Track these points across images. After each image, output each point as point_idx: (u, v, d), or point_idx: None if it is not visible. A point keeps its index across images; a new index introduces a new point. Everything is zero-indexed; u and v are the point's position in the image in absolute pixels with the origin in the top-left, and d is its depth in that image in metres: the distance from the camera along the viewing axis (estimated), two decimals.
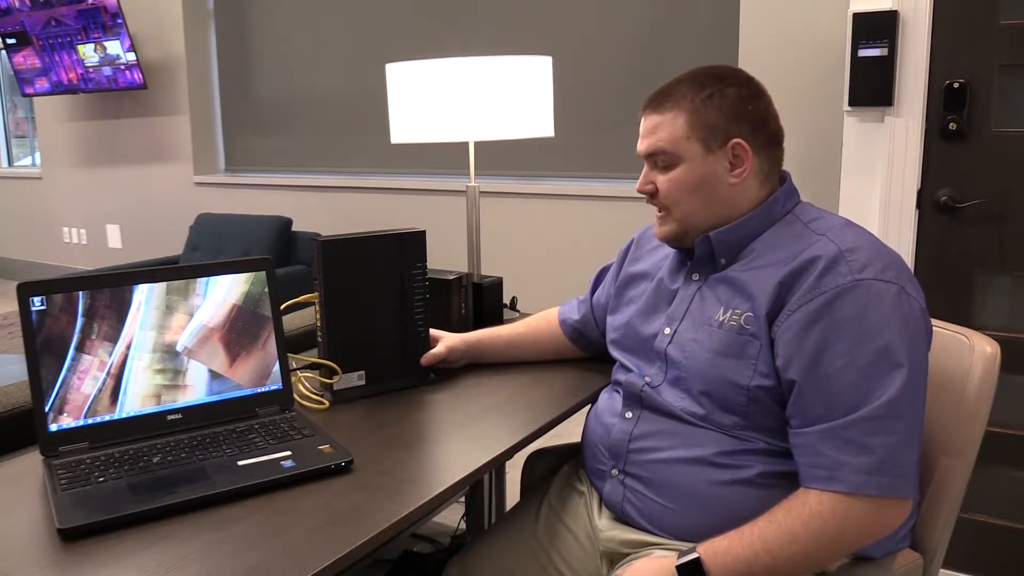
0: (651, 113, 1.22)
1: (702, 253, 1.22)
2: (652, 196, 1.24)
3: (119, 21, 4.71)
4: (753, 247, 1.19)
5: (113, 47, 4.80)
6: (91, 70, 4.97)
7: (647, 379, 1.24)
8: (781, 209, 1.20)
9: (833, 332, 1.05)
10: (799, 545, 1.02)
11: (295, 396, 1.38)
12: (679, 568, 1.04)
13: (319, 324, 1.40)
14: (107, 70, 4.90)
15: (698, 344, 1.18)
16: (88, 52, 4.92)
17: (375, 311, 1.43)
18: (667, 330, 1.24)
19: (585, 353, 1.58)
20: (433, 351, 1.50)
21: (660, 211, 1.25)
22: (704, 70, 1.21)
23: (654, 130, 1.20)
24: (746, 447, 1.13)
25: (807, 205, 1.22)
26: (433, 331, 1.53)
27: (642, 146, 1.23)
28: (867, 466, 1.02)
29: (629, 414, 1.25)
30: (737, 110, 1.17)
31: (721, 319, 1.16)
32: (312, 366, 1.50)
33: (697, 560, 1.04)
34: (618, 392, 1.30)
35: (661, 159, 1.20)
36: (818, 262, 1.08)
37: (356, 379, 1.43)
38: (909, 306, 1.06)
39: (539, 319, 1.60)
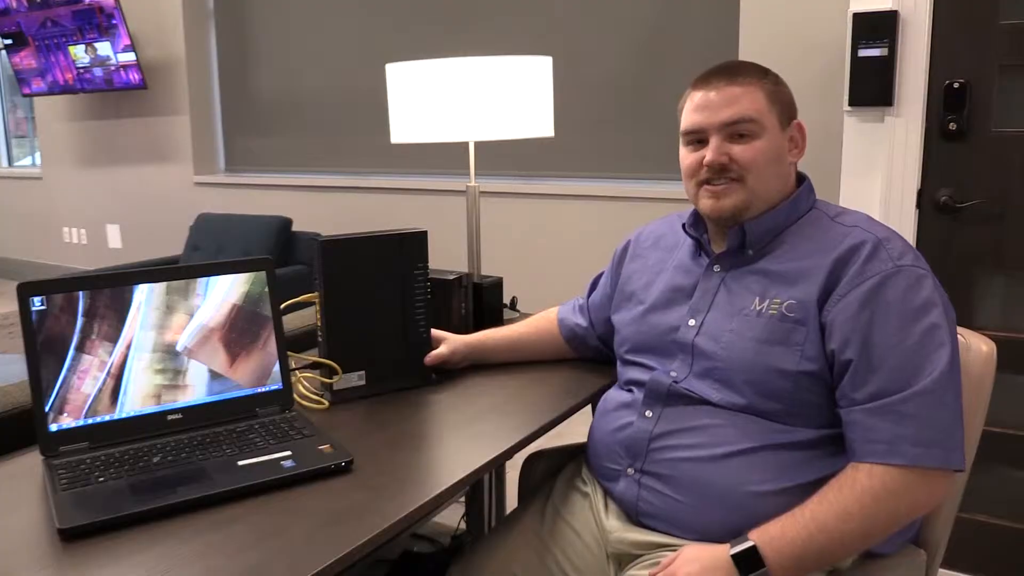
0: (725, 85, 1.21)
1: (732, 244, 1.24)
2: (722, 169, 1.21)
3: (114, 22, 4.70)
4: (783, 239, 1.22)
5: (104, 48, 4.79)
6: (83, 71, 4.97)
7: (672, 374, 1.24)
8: (805, 204, 1.25)
9: (883, 314, 1.09)
10: (853, 523, 1.04)
11: (295, 396, 1.38)
12: (734, 557, 1.04)
13: (319, 324, 1.40)
14: (98, 71, 4.89)
15: (736, 334, 1.19)
16: (79, 53, 4.91)
17: (375, 311, 1.43)
18: (691, 321, 1.25)
19: (578, 356, 1.58)
20: (436, 352, 1.50)
21: (723, 183, 1.22)
22: (750, 62, 1.26)
23: (736, 99, 1.20)
24: (779, 440, 1.13)
25: (825, 202, 1.26)
26: (436, 332, 1.52)
27: (722, 115, 1.20)
28: (925, 439, 1.04)
29: (649, 412, 1.24)
30: (791, 98, 1.26)
31: (759, 308, 1.18)
32: (312, 366, 1.50)
33: (753, 548, 1.04)
34: (633, 391, 1.29)
35: (744, 128, 1.20)
36: (861, 250, 1.13)
37: (356, 379, 1.42)
38: (941, 292, 1.13)
39: (541, 319, 1.60)
